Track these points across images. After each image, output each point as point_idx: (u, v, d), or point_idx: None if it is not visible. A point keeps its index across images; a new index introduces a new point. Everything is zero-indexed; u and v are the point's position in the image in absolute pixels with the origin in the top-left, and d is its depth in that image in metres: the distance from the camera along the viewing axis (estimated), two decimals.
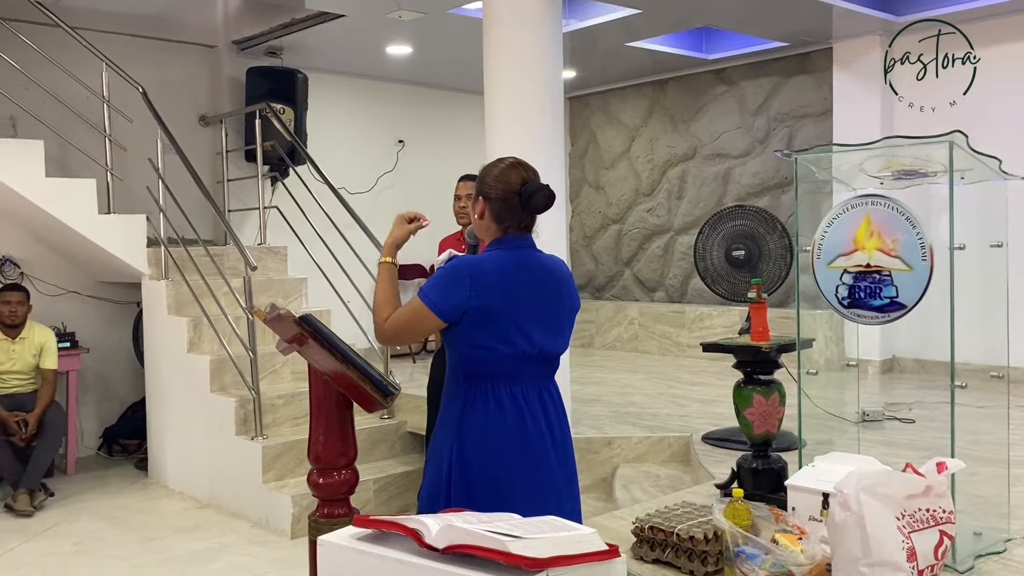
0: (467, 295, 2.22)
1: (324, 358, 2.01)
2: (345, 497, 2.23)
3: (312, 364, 2.10)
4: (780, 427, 3.43)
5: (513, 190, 2.32)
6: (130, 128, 5.96)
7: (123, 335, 6.52)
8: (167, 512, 5.16)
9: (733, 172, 8.35)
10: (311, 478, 2.21)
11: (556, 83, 4.76)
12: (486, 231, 2.37)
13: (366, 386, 2.01)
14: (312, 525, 2.19)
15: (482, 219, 2.36)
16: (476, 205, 2.37)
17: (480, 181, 2.37)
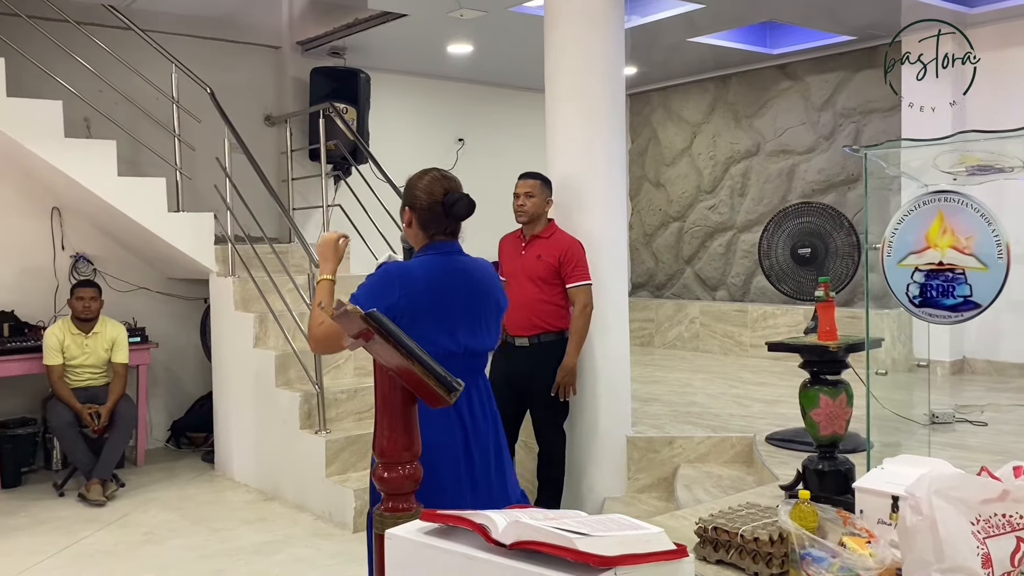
0: (396, 298, 2.38)
1: (389, 353, 2.02)
2: (410, 492, 2.24)
3: (377, 359, 2.11)
4: (847, 428, 3.36)
5: (437, 200, 2.51)
6: (198, 128, 6.10)
7: (191, 330, 6.68)
8: (233, 504, 5.27)
9: (798, 168, 8.21)
10: (376, 472, 2.22)
11: (618, 81, 4.73)
12: (415, 238, 2.56)
13: (430, 381, 2.01)
14: (377, 519, 2.19)
15: (410, 227, 2.55)
16: (404, 215, 2.57)
17: (407, 192, 2.57)
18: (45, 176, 5.74)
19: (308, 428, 5.07)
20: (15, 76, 5.39)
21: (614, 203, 4.73)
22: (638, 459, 4.75)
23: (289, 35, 7.34)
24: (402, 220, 2.57)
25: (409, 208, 2.54)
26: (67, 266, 6.28)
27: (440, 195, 2.52)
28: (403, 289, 2.40)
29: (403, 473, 2.19)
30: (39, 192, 6.11)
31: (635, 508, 4.53)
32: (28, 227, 6.15)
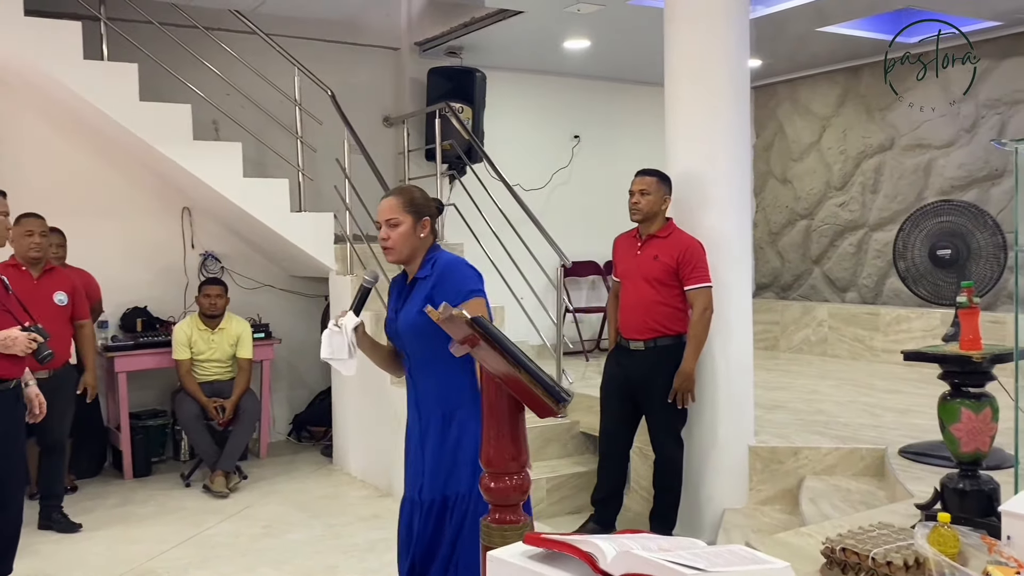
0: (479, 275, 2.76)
1: (495, 360, 1.95)
2: (518, 503, 2.16)
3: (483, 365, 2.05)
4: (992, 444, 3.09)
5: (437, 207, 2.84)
6: (319, 130, 6.21)
7: (312, 327, 6.82)
8: (349, 499, 5.34)
9: (935, 164, 7.73)
10: (483, 482, 2.16)
11: (742, 73, 4.53)
12: (422, 244, 2.75)
13: (538, 391, 1.93)
14: (484, 529, 2.13)
15: (423, 235, 2.74)
16: (417, 225, 2.73)
17: (421, 205, 2.76)
18: (176, 177, 5.96)
19: None
20: (148, 81, 5.62)
21: (737, 201, 4.53)
22: (760, 470, 4.54)
23: (407, 36, 7.40)
24: (413, 231, 2.72)
25: (428, 218, 2.74)
26: (196, 264, 6.52)
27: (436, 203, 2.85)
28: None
29: (511, 483, 2.11)
30: (170, 193, 6.36)
31: (756, 521, 4.33)
32: (160, 227, 6.41)
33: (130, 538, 4.72)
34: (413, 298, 2.71)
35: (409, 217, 2.71)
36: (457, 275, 2.67)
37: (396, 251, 2.72)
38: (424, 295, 2.65)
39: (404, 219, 2.70)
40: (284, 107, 6.20)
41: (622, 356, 4.37)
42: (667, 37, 4.56)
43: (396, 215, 2.71)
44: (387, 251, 2.75)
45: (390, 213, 2.72)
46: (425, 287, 2.69)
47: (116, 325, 6.16)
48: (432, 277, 2.69)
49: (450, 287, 2.63)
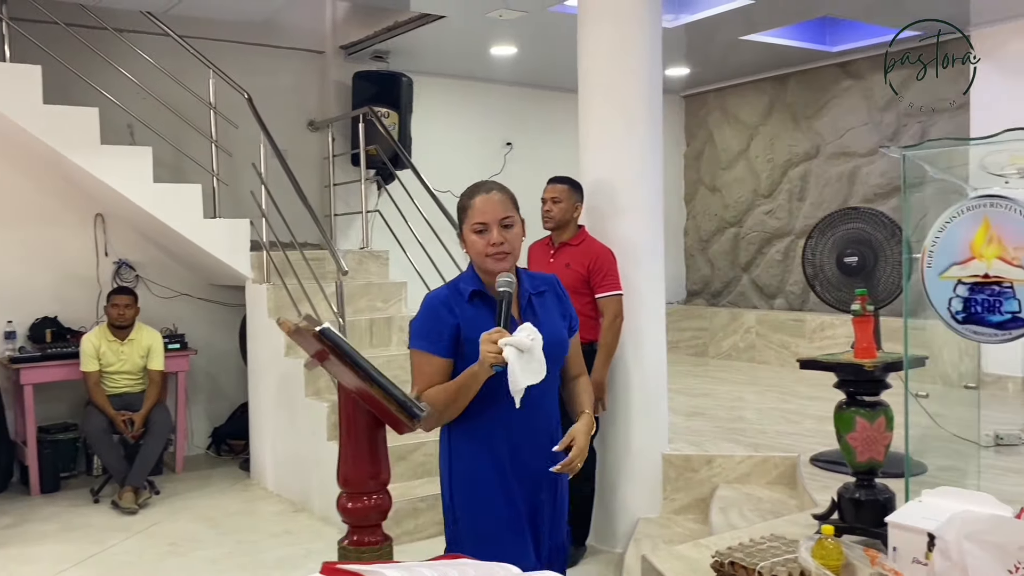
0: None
1: (346, 375, 1.87)
2: (377, 523, 2.08)
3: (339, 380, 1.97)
4: (887, 453, 3.08)
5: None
6: (238, 134, 6.07)
7: (231, 337, 6.66)
8: (263, 515, 5.20)
9: (860, 172, 7.83)
10: (340, 502, 2.08)
11: (656, 81, 4.50)
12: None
13: (391, 406, 1.85)
14: (340, 552, 2.04)
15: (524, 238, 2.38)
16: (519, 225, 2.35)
17: (511, 201, 2.35)
18: (86, 183, 5.77)
19: (336, 439, 4.95)
20: (61, 85, 5.43)
21: (649, 208, 4.49)
22: (675, 478, 4.51)
23: (332, 39, 7.29)
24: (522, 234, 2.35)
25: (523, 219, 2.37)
26: (110, 272, 6.32)
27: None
28: None
29: (368, 503, 2.03)
30: (82, 199, 6.16)
31: (669, 531, 4.29)
32: (72, 234, 6.20)
33: (26, 558, 4.53)
34: (544, 310, 2.35)
35: (518, 216, 2.32)
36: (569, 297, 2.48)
37: (514, 256, 2.30)
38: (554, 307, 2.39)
39: (517, 219, 2.31)
40: (202, 111, 6.05)
41: None
42: (579, 43, 4.53)
43: (511, 213, 2.29)
44: (502, 258, 2.25)
45: (504, 211, 2.27)
46: (551, 300, 2.40)
47: (24, 336, 5.95)
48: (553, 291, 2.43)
49: (574, 309, 2.47)
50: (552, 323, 2.32)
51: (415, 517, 4.65)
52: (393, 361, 5.43)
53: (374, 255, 6.51)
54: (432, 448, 5.04)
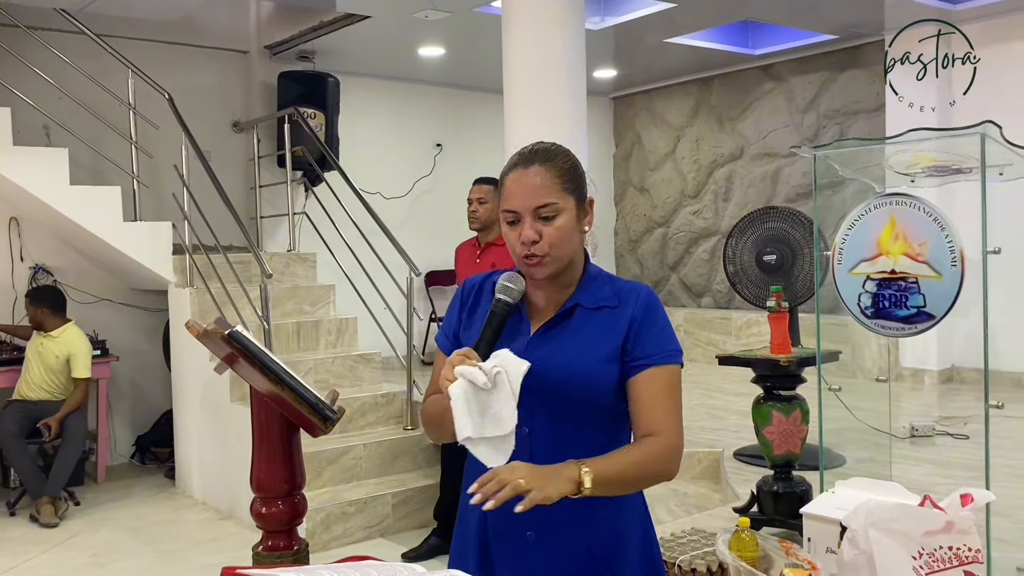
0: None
1: (257, 378, 1.84)
2: (290, 528, 2.05)
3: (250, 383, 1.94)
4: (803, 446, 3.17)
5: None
6: (159, 135, 5.93)
7: (155, 343, 6.50)
8: (188, 523, 5.09)
9: (782, 172, 8.01)
10: (254, 507, 2.04)
11: (579, 82, 4.55)
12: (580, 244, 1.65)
13: (303, 409, 1.83)
14: (255, 558, 2.01)
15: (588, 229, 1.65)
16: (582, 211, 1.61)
17: (578, 173, 1.62)
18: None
19: None
20: None
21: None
22: None
23: (257, 39, 7.18)
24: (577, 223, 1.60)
25: (589, 200, 1.64)
26: (27, 277, 6.12)
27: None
28: None
29: (282, 508, 2.01)
30: None
31: None
32: None
33: None
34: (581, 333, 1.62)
35: (571, 199, 1.58)
36: (664, 319, 1.66)
37: (556, 260, 1.58)
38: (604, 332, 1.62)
39: (565, 204, 1.57)
40: (121, 112, 5.89)
41: None
42: (504, 45, 4.55)
43: (553, 199, 1.56)
44: (535, 263, 1.58)
45: (542, 196, 1.56)
46: (607, 319, 1.62)
47: None
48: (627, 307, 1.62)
49: (656, 332, 1.62)
50: (578, 352, 1.60)
51: (344, 521, 4.61)
52: (321, 365, 5.38)
53: (301, 258, 6.43)
54: (361, 452, 5.01)
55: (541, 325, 1.65)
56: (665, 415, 1.59)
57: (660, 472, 1.60)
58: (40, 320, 5.47)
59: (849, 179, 3.24)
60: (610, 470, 1.50)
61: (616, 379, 1.60)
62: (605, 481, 1.48)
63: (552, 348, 1.61)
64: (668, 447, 1.59)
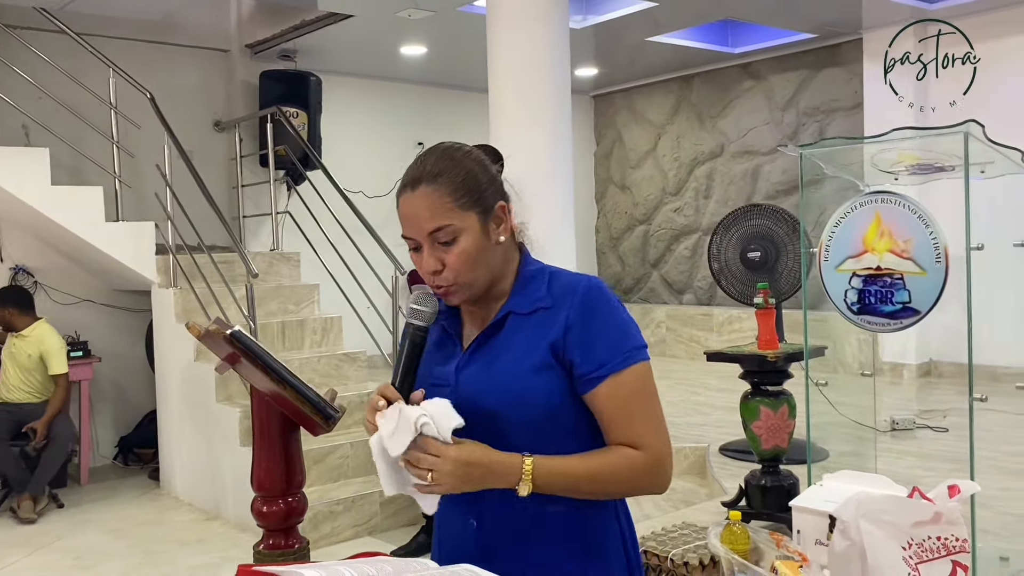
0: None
1: (259, 378, 1.85)
2: (292, 526, 2.06)
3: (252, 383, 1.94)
4: (790, 441, 3.22)
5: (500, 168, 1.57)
6: (141, 134, 5.89)
7: (137, 343, 6.47)
8: (173, 524, 5.07)
9: (762, 169, 8.09)
10: (254, 506, 2.06)
11: (563, 80, 4.58)
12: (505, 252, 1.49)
13: (304, 408, 1.84)
14: (256, 557, 2.02)
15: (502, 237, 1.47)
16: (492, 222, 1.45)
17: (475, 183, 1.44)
18: None
19: (249, 445, 4.85)
20: None
21: (560, 206, 4.57)
22: None
23: (238, 38, 7.16)
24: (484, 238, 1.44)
25: (504, 202, 1.47)
26: (7, 279, 6.07)
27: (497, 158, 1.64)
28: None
29: (283, 507, 2.02)
30: None
31: None
32: None
33: None
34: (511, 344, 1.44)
35: (471, 215, 1.42)
36: (612, 315, 1.44)
37: (466, 286, 1.43)
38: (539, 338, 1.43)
39: (463, 221, 1.41)
40: (102, 111, 5.85)
41: None
42: (489, 43, 4.57)
43: (447, 221, 1.40)
44: (446, 293, 1.44)
45: (433, 219, 1.40)
46: (538, 323, 1.44)
47: None
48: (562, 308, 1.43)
49: (603, 335, 1.41)
50: (508, 365, 1.42)
51: (332, 520, 4.61)
52: (307, 364, 5.37)
53: (285, 257, 6.41)
54: (348, 451, 5.01)
55: (470, 343, 1.47)
56: (642, 426, 1.41)
57: (631, 488, 1.44)
58: (8, 321, 5.44)
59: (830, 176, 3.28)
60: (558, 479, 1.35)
61: (559, 390, 1.40)
62: (549, 486, 1.35)
63: (481, 366, 1.44)
64: (653, 461, 1.42)
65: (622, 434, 1.41)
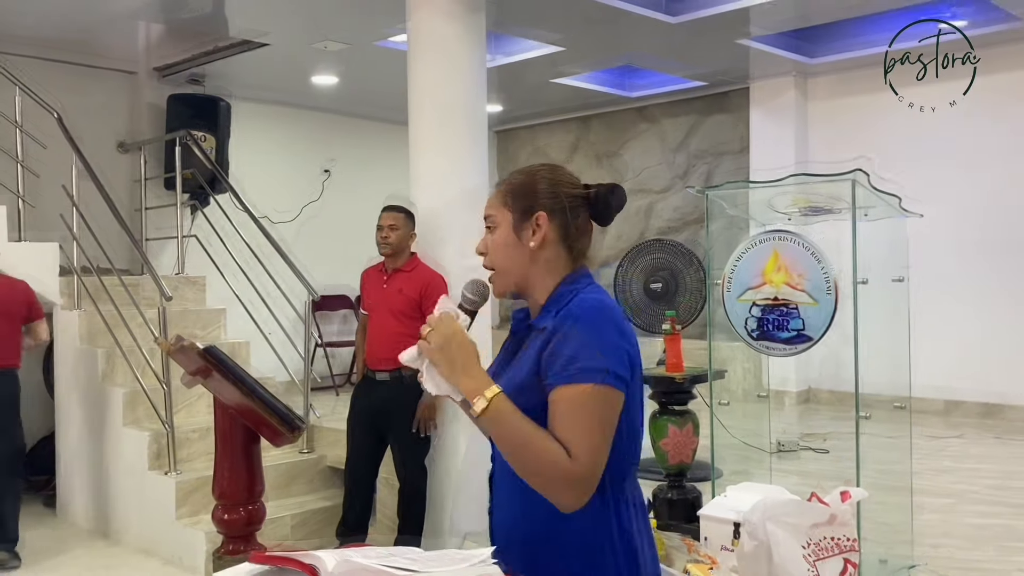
0: (628, 352, 1.55)
1: (228, 390, 1.97)
2: (251, 533, 2.18)
3: (218, 397, 2.06)
4: (694, 457, 3.49)
5: (584, 196, 1.66)
6: (45, 154, 5.79)
7: (33, 366, 6.26)
8: (76, 551, 4.96)
9: (655, 207, 8.52)
10: (216, 514, 2.16)
11: (480, 117, 4.81)
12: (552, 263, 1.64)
13: (271, 419, 1.98)
14: (216, 562, 2.13)
15: (543, 248, 1.63)
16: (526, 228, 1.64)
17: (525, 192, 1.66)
18: None
19: (157, 469, 4.85)
20: None
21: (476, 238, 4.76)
22: None
23: (146, 60, 7.11)
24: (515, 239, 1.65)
25: (547, 213, 1.63)
26: None
27: (582, 187, 1.68)
28: (628, 336, 1.58)
29: (243, 515, 2.14)
30: None
31: None
32: None
33: None
34: (525, 354, 1.61)
35: (509, 213, 1.66)
36: (586, 334, 1.52)
37: (500, 273, 1.68)
38: (535, 354, 1.57)
39: (502, 216, 1.66)
40: (4, 129, 5.73)
41: (369, 387, 4.44)
42: (410, 79, 4.76)
43: (491, 210, 1.69)
44: (491, 278, 1.70)
45: (487, 207, 1.70)
46: (540, 342, 1.58)
47: None
48: (553, 330, 1.55)
49: (568, 348, 1.51)
50: (510, 378, 1.60)
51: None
52: None
53: (190, 280, 6.37)
54: None
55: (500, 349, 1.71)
56: (570, 436, 1.45)
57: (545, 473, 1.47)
58: None
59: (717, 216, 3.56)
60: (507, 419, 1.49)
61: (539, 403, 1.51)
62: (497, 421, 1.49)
63: (498, 371, 1.65)
64: (568, 463, 1.45)
65: (563, 439, 1.47)
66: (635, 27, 6.08)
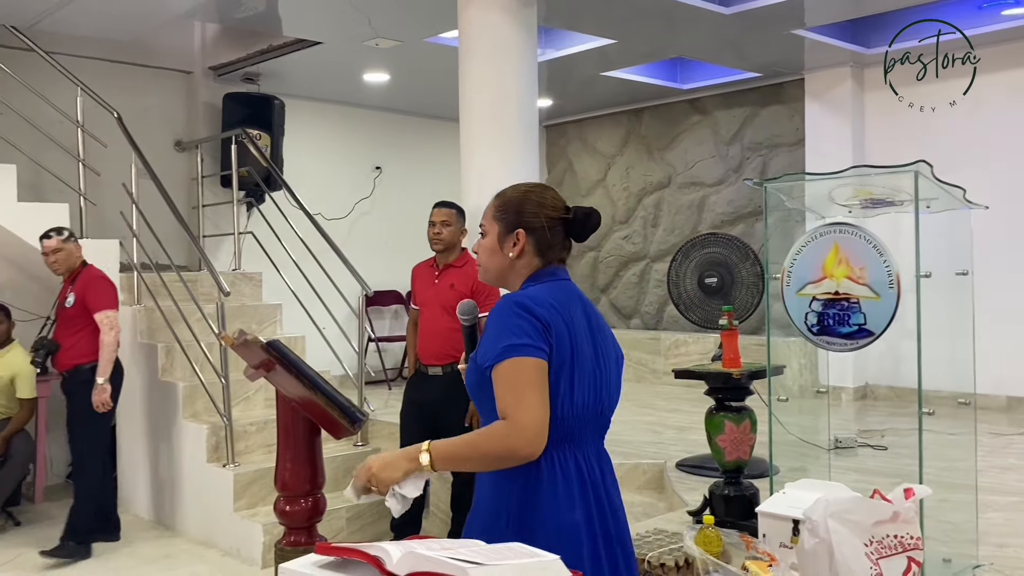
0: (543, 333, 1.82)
1: (291, 384, 1.99)
2: (311, 525, 2.21)
3: (280, 390, 2.09)
4: (751, 454, 3.44)
5: (561, 215, 1.97)
6: (106, 153, 5.94)
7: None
8: (137, 541, 5.08)
9: (708, 200, 8.43)
10: (278, 505, 2.19)
11: (531, 112, 4.81)
12: (524, 267, 1.96)
13: (333, 412, 2.00)
14: (278, 554, 2.16)
15: (520, 257, 1.94)
16: (508, 240, 1.94)
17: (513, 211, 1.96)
18: None
19: (215, 461, 4.94)
20: None
21: None
22: None
23: (201, 60, 7.23)
24: (496, 246, 1.96)
25: (525, 230, 1.93)
26: None
27: (563, 209, 1.98)
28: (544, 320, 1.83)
29: (304, 506, 2.16)
30: None
31: None
32: None
33: None
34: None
35: (496, 226, 1.97)
36: (494, 323, 1.84)
37: (484, 271, 2.02)
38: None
39: (491, 226, 1.98)
40: (66, 128, 5.88)
41: (421, 382, 4.47)
42: (461, 76, 4.77)
43: (484, 220, 2.01)
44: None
45: (481, 217, 2.04)
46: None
47: None
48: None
49: (484, 343, 1.85)
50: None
51: None
52: None
53: (247, 277, 6.48)
54: None
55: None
56: (506, 402, 1.76)
57: (498, 449, 1.76)
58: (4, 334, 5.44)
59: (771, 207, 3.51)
60: (447, 449, 1.80)
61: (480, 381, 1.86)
62: (443, 457, 1.80)
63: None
64: (506, 426, 1.75)
65: (499, 412, 1.78)
66: (688, 19, 6.02)
